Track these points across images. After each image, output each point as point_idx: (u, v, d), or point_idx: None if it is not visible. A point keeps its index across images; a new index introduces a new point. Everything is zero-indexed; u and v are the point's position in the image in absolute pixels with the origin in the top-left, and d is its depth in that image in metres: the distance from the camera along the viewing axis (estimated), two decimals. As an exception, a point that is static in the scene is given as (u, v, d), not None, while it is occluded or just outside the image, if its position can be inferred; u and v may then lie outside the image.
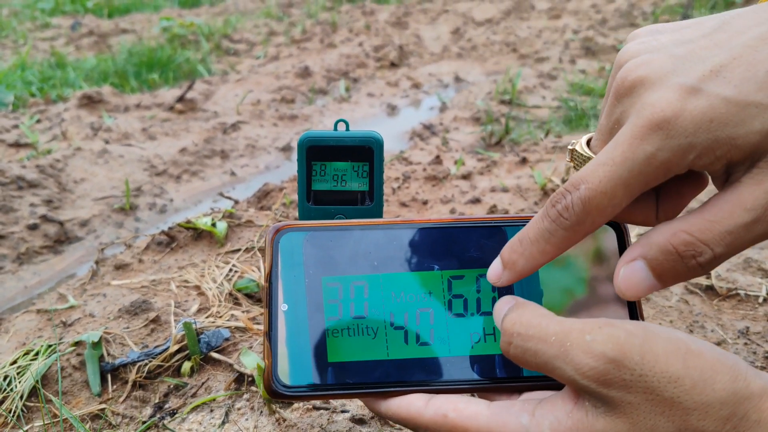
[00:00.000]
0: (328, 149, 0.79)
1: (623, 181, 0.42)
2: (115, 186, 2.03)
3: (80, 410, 0.98)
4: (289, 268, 0.50)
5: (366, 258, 0.51)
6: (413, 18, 5.07)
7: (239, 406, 0.95)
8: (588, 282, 0.52)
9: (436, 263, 0.52)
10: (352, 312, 0.50)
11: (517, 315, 0.44)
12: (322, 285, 0.50)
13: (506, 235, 0.52)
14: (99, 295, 1.27)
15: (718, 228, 0.41)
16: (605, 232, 0.53)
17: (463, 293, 0.51)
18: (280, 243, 0.51)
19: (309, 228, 0.52)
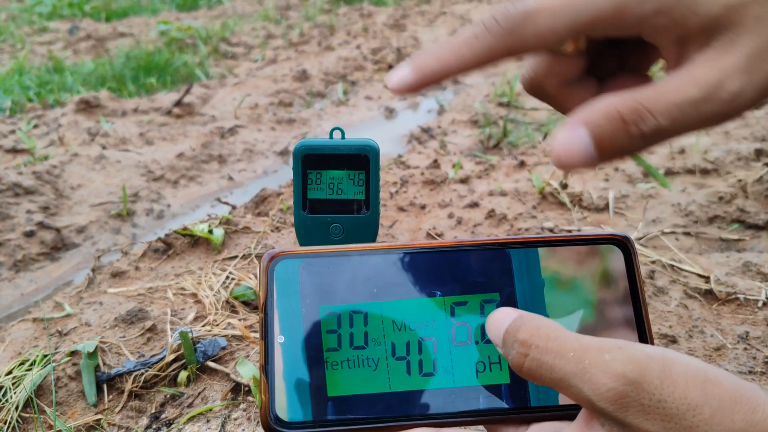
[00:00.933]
0: (323, 158, 0.79)
1: (572, 5, 0.40)
2: (112, 192, 2.02)
3: (76, 421, 0.97)
4: (284, 297, 0.48)
5: (365, 285, 0.49)
6: (411, 20, 5.06)
7: (236, 417, 0.94)
8: (595, 305, 0.50)
9: (437, 289, 0.50)
10: (352, 342, 0.48)
11: (534, 327, 0.41)
12: (319, 314, 0.48)
13: (510, 258, 0.51)
14: (95, 304, 1.26)
15: (665, 98, 0.40)
16: (612, 253, 0.51)
17: (467, 320, 0.49)
18: (275, 271, 0.48)
19: (305, 255, 0.49)
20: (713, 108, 0.40)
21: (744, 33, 0.40)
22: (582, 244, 0.51)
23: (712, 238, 1.50)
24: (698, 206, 1.59)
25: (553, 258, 0.51)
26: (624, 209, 1.65)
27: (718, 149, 1.94)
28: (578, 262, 0.51)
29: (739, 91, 0.40)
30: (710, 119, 0.41)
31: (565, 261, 0.51)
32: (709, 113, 0.40)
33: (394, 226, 1.61)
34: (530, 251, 0.51)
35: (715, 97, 0.40)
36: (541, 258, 0.51)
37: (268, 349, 0.46)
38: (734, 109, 0.41)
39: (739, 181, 1.64)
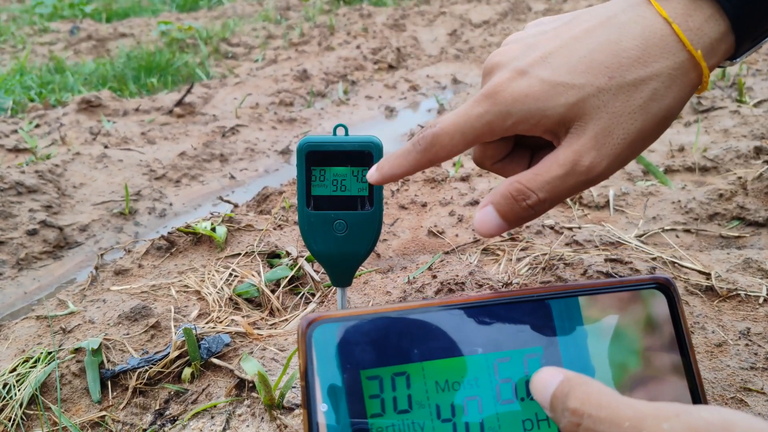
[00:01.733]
0: (327, 154, 0.79)
1: (461, 128, 0.55)
2: (115, 191, 2.03)
3: (80, 418, 0.98)
4: (325, 363, 0.46)
5: (405, 346, 0.48)
6: (410, 20, 5.07)
7: (240, 413, 0.95)
8: (641, 354, 0.49)
9: (479, 346, 0.48)
10: (396, 407, 0.46)
11: (584, 393, 0.40)
12: (361, 379, 0.46)
13: (551, 310, 0.49)
14: (99, 301, 1.27)
15: (540, 179, 0.53)
16: (654, 297, 0.50)
17: (511, 377, 0.48)
18: (314, 336, 0.47)
19: (342, 318, 0.48)
20: (576, 179, 0.53)
21: (588, 120, 0.52)
22: (623, 290, 0.50)
23: (712, 235, 1.50)
24: (698, 204, 1.59)
25: (594, 306, 0.50)
26: (624, 207, 1.65)
27: (717, 147, 1.94)
28: (620, 309, 0.50)
29: (591, 164, 0.52)
30: (577, 187, 0.53)
31: (606, 309, 0.50)
32: (574, 183, 0.53)
33: (395, 224, 1.62)
34: (570, 301, 0.50)
35: (574, 171, 0.52)
36: (582, 307, 0.49)
37: (312, 418, 0.45)
38: (593, 177, 0.53)
39: (739, 178, 1.65)
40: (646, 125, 0.52)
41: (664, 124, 0.53)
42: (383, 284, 1.31)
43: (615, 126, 0.51)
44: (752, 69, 3.07)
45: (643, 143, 0.53)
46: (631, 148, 0.53)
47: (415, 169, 0.58)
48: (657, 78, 0.51)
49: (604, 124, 0.51)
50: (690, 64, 0.52)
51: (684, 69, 0.52)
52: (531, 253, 1.39)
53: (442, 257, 1.39)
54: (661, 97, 0.52)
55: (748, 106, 2.36)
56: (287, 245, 1.43)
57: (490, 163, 0.63)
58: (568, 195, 0.53)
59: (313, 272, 1.32)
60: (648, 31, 0.51)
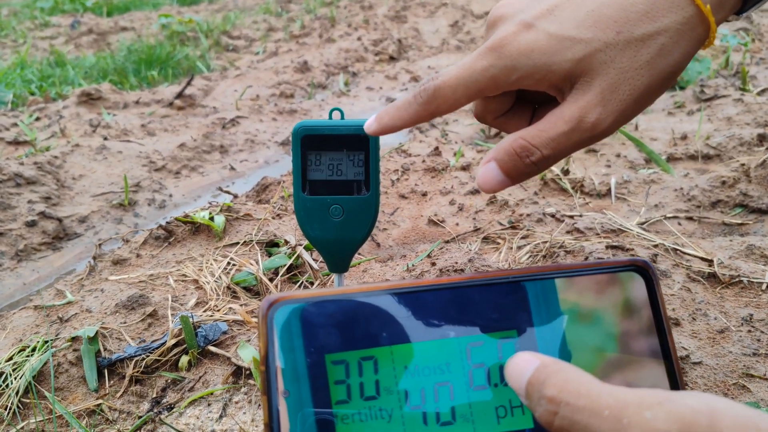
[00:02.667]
0: (323, 138, 0.78)
1: (464, 82, 0.53)
2: (114, 182, 2.02)
3: (76, 406, 0.97)
4: (287, 346, 0.44)
5: (373, 329, 0.45)
6: (412, 12, 5.05)
7: (237, 400, 0.94)
8: (619, 338, 0.47)
9: (451, 329, 0.46)
10: (363, 393, 0.44)
11: (562, 380, 0.38)
12: (326, 364, 0.44)
13: (526, 292, 0.47)
14: (96, 291, 1.26)
15: (544, 135, 0.53)
16: (633, 281, 0.48)
17: (484, 361, 0.46)
18: (275, 319, 0.44)
19: (306, 299, 0.45)
20: (580, 136, 0.53)
21: (595, 76, 0.52)
22: (600, 272, 0.48)
23: (714, 222, 1.49)
24: (701, 191, 1.58)
25: (571, 289, 0.48)
26: (626, 195, 1.64)
27: (720, 135, 1.93)
28: (598, 291, 0.48)
29: (596, 120, 0.52)
30: (581, 144, 0.54)
31: (583, 291, 0.48)
32: (578, 140, 0.53)
33: (395, 213, 1.61)
34: (547, 283, 0.48)
35: (579, 128, 0.53)
36: (558, 290, 0.48)
37: (272, 405, 0.43)
38: (597, 134, 0.53)
39: (742, 165, 1.63)
40: (653, 81, 0.52)
41: (671, 79, 0.53)
42: (382, 272, 1.30)
43: (622, 82, 0.51)
44: (756, 58, 3.05)
45: (648, 99, 0.53)
46: (636, 103, 0.52)
47: (414, 121, 0.57)
48: (665, 33, 0.51)
49: (611, 80, 0.51)
50: (698, 19, 0.51)
51: (692, 24, 0.51)
52: (532, 241, 1.38)
53: (442, 245, 1.38)
54: (668, 52, 0.52)
55: (751, 94, 2.34)
56: (286, 234, 1.42)
57: (492, 118, 0.63)
58: (571, 151, 0.54)
59: (311, 261, 1.32)
60: None
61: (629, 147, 1.93)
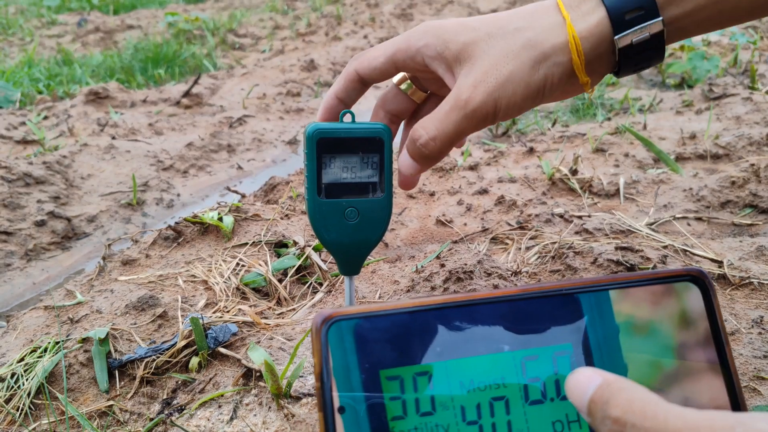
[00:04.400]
0: (338, 141, 0.78)
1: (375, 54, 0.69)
2: (122, 181, 2.02)
3: (88, 407, 0.98)
4: (341, 363, 0.43)
5: (427, 344, 0.45)
6: (418, 9, 5.04)
7: (247, 402, 0.94)
8: (676, 350, 0.46)
9: (505, 343, 0.45)
10: (418, 409, 0.44)
11: (626, 400, 0.37)
12: (380, 380, 0.44)
13: (580, 304, 0.47)
14: (106, 291, 1.27)
15: (431, 117, 0.64)
16: (689, 291, 0.47)
17: (540, 375, 0.45)
18: (329, 335, 0.44)
19: (359, 315, 0.45)
20: (457, 114, 0.62)
21: (476, 61, 0.61)
22: (655, 283, 0.47)
23: (724, 223, 1.49)
24: (710, 191, 1.57)
25: (625, 301, 0.47)
26: (635, 195, 1.64)
27: (729, 134, 1.92)
28: (653, 303, 0.47)
29: (468, 98, 0.61)
30: (461, 123, 0.62)
31: (639, 303, 0.47)
32: (456, 119, 0.62)
33: (403, 213, 1.61)
34: (601, 295, 0.47)
35: (456, 106, 0.62)
36: (613, 302, 0.47)
37: (328, 421, 0.42)
38: (470, 111, 0.62)
39: (752, 165, 1.62)
40: (516, 69, 0.60)
41: (533, 73, 0.61)
42: (391, 273, 1.30)
43: (492, 67, 0.61)
44: (765, 56, 3.03)
45: (514, 87, 0.61)
46: (503, 88, 0.61)
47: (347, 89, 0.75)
48: (532, 29, 0.61)
49: (486, 66, 0.61)
50: (563, 25, 0.61)
51: (556, 28, 0.61)
52: (540, 242, 1.38)
53: (451, 246, 1.37)
54: (532, 46, 0.61)
55: (760, 93, 2.32)
56: (294, 234, 1.42)
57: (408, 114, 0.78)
58: (456, 133, 0.63)
59: (320, 261, 1.32)
60: (540, 5, 0.63)
61: (638, 146, 1.93)
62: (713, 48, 3.23)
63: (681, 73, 2.92)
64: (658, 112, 2.40)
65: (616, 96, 2.72)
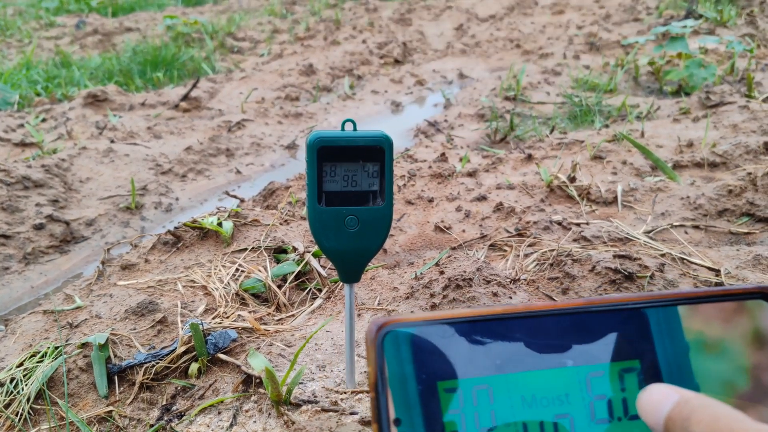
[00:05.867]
0: (339, 150, 0.78)
1: None
2: (121, 185, 2.02)
3: (87, 413, 0.98)
4: (397, 372, 0.41)
5: (487, 356, 0.43)
6: (416, 14, 5.05)
7: (247, 408, 0.94)
8: (749, 371, 0.43)
9: (570, 358, 0.43)
10: (478, 423, 0.41)
11: (710, 417, 0.34)
12: (438, 391, 0.42)
13: (647, 319, 0.44)
14: (105, 296, 1.27)
15: None
16: (762, 309, 0.45)
17: (606, 393, 0.43)
18: (385, 344, 0.42)
19: (416, 323, 0.43)
20: None
21: None
22: (726, 299, 0.45)
23: (721, 231, 1.49)
24: (707, 199, 1.58)
25: (695, 317, 0.44)
26: (632, 202, 1.64)
27: (726, 142, 1.93)
28: (724, 320, 0.45)
29: None
30: None
31: (709, 320, 0.44)
32: None
33: (402, 219, 1.61)
34: (669, 311, 0.44)
35: None
36: (682, 318, 0.44)
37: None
38: None
39: (749, 174, 1.63)
40: None
41: None
42: (390, 280, 1.30)
43: None
44: (761, 64, 3.05)
45: None
46: None
47: None
48: None
49: None
50: None
51: None
52: (538, 249, 1.39)
53: (450, 253, 1.38)
54: None
55: (757, 102, 2.34)
56: (294, 240, 1.42)
57: None
58: None
59: (320, 268, 1.32)
60: None
61: (635, 154, 1.93)
62: (710, 56, 3.25)
63: (678, 81, 2.93)
64: (656, 119, 2.42)
65: (613, 103, 2.73)
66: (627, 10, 4.59)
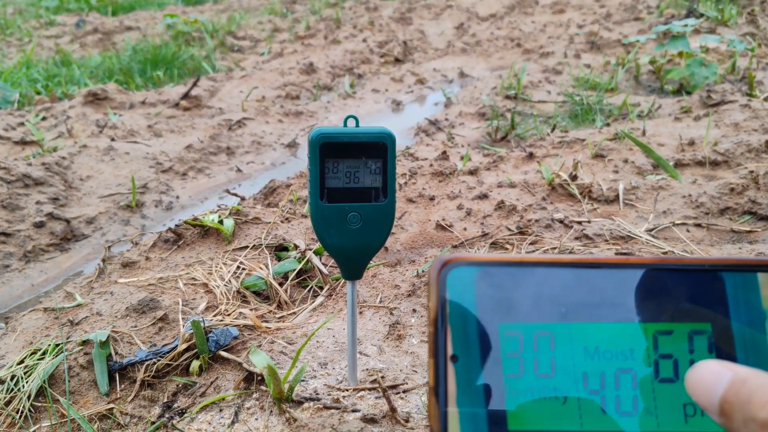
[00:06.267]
0: (341, 146, 0.78)
1: None
2: (121, 183, 2.02)
3: (88, 410, 0.97)
4: (458, 310, 0.41)
5: (552, 303, 0.42)
6: (417, 13, 5.05)
7: (249, 406, 0.94)
8: None
9: (637, 313, 0.42)
10: (536, 369, 0.41)
11: None
12: (498, 333, 0.41)
13: (723, 284, 0.42)
14: (106, 294, 1.26)
15: None
16: None
17: (673, 353, 0.41)
18: (448, 280, 0.41)
19: (482, 263, 0.42)
20: None
21: None
22: None
23: (723, 229, 1.49)
24: (709, 198, 1.58)
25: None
26: (634, 201, 1.64)
27: (728, 141, 1.93)
28: None
29: None
30: None
31: None
32: None
33: (403, 217, 1.61)
34: (748, 276, 0.42)
35: None
36: (761, 286, 0.42)
37: (439, 368, 0.40)
38: None
39: (751, 172, 1.63)
40: None
41: None
42: (392, 278, 1.30)
43: None
44: (762, 62, 3.04)
45: None
46: None
47: None
48: None
49: None
50: None
51: None
52: (540, 247, 1.38)
53: (451, 251, 1.38)
54: None
55: (758, 100, 2.33)
56: (295, 238, 1.42)
57: None
58: None
59: (321, 265, 1.32)
60: None
61: (637, 152, 1.93)
62: (711, 55, 3.24)
63: (679, 80, 2.93)
64: (657, 118, 2.41)
65: (614, 102, 2.73)
66: (628, 9, 4.59)
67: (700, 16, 3.96)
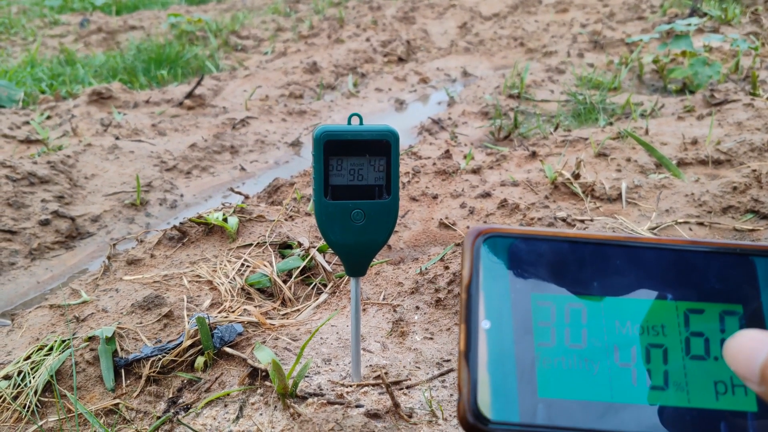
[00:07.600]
0: (345, 144, 0.79)
1: None
2: (126, 182, 2.03)
3: (95, 405, 0.98)
4: (492, 278, 0.42)
5: (584, 277, 0.43)
6: (420, 13, 5.05)
7: (253, 401, 0.95)
8: None
9: (669, 291, 0.42)
10: (568, 340, 0.41)
11: None
12: (531, 303, 0.42)
13: (755, 267, 0.43)
14: (111, 290, 1.27)
15: None
16: None
17: (704, 331, 0.42)
18: (482, 249, 0.42)
19: (516, 235, 0.43)
20: None
21: None
22: None
23: (726, 228, 1.49)
24: (712, 196, 1.58)
25: None
26: (637, 199, 1.64)
27: (730, 140, 1.93)
28: None
29: None
30: None
31: None
32: None
33: (406, 215, 1.61)
34: None
35: None
36: None
37: (471, 334, 0.40)
38: None
39: (753, 171, 1.63)
40: None
41: None
42: (395, 275, 1.31)
43: None
44: (766, 62, 3.04)
45: None
46: None
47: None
48: None
49: None
50: None
51: None
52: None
53: (454, 249, 1.38)
54: None
55: (761, 99, 2.34)
56: (299, 236, 1.43)
57: None
58: None
59: (325, 263, 1.32)
60: None
61: (639, 151, 1.94)
62: (715, 54, 3.24)
63: (682, 79, 2.93)
64: (660, 117, 2.42)
65: (617, 101, 2.73)
66: (631, 8, 4.58)
67: (704, 16, 3.96)
